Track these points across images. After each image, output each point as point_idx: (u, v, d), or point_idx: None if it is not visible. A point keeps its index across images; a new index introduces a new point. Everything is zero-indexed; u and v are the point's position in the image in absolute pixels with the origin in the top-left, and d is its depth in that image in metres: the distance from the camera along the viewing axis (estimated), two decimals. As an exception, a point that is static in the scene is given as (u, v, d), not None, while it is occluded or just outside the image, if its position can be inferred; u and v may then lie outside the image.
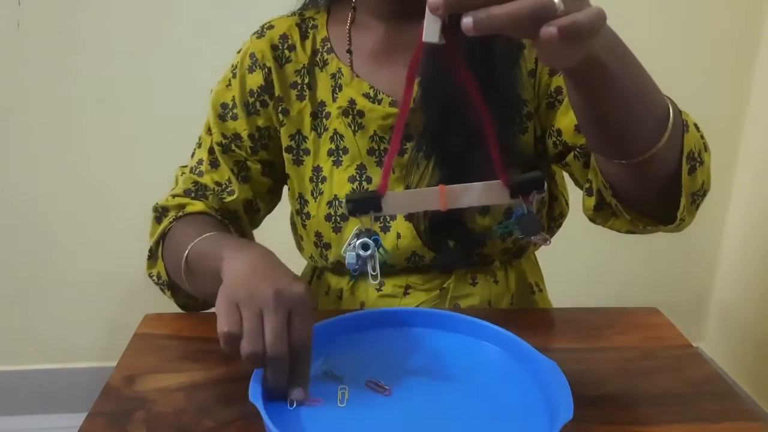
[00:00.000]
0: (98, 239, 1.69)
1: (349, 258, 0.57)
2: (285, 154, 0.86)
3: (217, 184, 0.86)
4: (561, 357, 0.63)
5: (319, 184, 0.84)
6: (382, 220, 0.83)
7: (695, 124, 0.67)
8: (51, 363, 1.78)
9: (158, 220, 0.85)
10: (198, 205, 0.83)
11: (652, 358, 0.72)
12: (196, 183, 0.86)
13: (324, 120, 0.85)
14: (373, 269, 0.58)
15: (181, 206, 0.84)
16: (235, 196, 0.85)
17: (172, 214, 0.83)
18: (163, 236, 0.82)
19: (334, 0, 0.88)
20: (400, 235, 0.82)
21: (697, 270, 1.90)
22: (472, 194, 0.56)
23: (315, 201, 0.84)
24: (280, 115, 0.86)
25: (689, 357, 0.73)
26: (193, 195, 0.85)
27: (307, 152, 0.85)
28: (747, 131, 1.76)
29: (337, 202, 0.82)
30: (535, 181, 0.54)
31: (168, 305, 0.84)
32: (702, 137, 0.68)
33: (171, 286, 0.82)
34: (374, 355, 0.68)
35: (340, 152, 0.84)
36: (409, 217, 0.82)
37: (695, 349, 0.75)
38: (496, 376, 0.65)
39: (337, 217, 0.83)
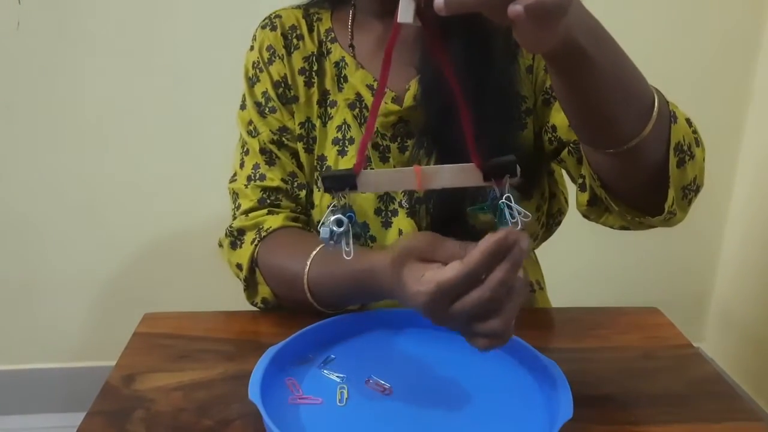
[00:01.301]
0: (98, 238, 1.68)
1: (323, 233, 0.57)
2: (298, 143, 0.86)
3: (284, 181, 0.84)
4: (561, 357, 0.63)
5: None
6: (383, 215, 0.83)
7: (688, 119, 0.67)
8: (50, 362, 1.78)
9: (234, 245, 0.83)
10: (275, 220, 0.82)
11: (652, 358, 0.72)
12: (265, 189, 0.84)
13: (328, 108, 0.85)
14: (347, 244, 0.57)
15: (258, 225, 0.82)
16: (305, 189, 0.85)
17: (251, 236, 0.82)
18: (254, 263, 0.81)
19: (337, 0, 0.89)
20: (401, 231, 0.82)
21: (698, 270, 1.90)
22: (447, 176, 0.56)
23: (319, 190, 0.85)
24: (292, 103, 0.86)
25: (689, 357, 0.73)
26: (267, 202, 0.84)
27: (315, 140, 0.85)
28: (748, 130, 1.76)
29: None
30: (508, 165, 0.54)
31: (167, 305, 0.84)
32: (694, 132, 0.68)
33: (280, 306, 0.82)
34: (375, 355, 0.68)
35: (347, 142, 0.84)
36: (411, 214, 0.82)
37: (695, 349, 0.75)
38: (496, 375, 0.65)
39: None
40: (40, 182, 1.63)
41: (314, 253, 0.74)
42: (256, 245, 0.81)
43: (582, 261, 1.78)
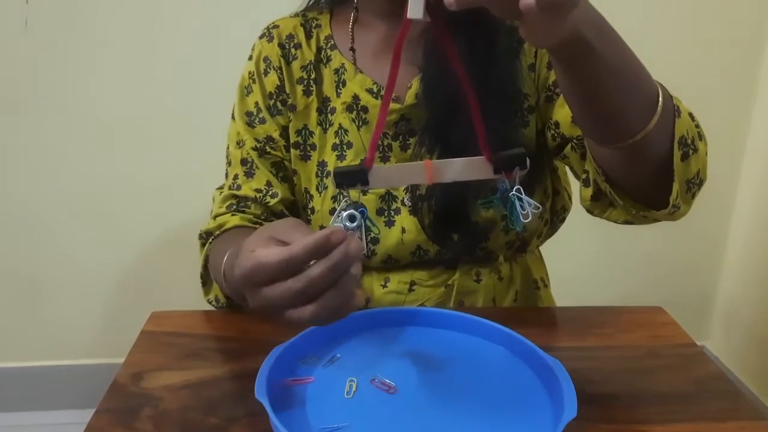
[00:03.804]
0: (104, 237, 1.69)
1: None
2: (292, 150, 0.87)
3: (257, 191, 0.86)
4: (565, 355, 0.64)
5: (324, 178, 0.85)
6: (386, 214, 0.83)
7: (690, 113, 0.67)
8: (57, 359, 1.79)
9: (203, 246, 0.85)
10: (233, 220, 0.83)
11: (657, 357, 0.73)
12: (235, 196, 0.86)
13: (329, 115, 0.85)
14: (361, 240, 0.58)
15: (220, 225, 0.84)
16: (278, 198, 0.86)
17: (212, 237, 0.84)
18: (206, 260, 0.83)
19: (336, 1, 0.89)
20: (404, 229, 0.83)
21: (702, 268, 1.89)
22: (457, 169, 0.57)
23: (320, 196, 0.85)
24: (288, 112, 0.86)
25: (694, 356, 0.73)
26: (234, 208, 0.86)
27: (313, 147, 0.86)
28: (753, 129, 1.76)
29: (341, 196, 0.83)
30: (517, 157, 0.55)
31: (175, 303, 0.84)
32: (697, 126, 0.68)
33: (231, 306, 0.83)
34: (380, 354, 0.69)
35: (344, 147, 0.84)
36: (414, 211, 0.82)
37: (700, 347, 0.75)
38: (500, 374, 0.66)
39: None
40: (49, 180, 1.64)
41: (232, 249, 0.72)
42: (210, 243, 0.82)
43: (587, 259, 1.78)
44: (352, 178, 0.57)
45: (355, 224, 0.57)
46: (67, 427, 1.68)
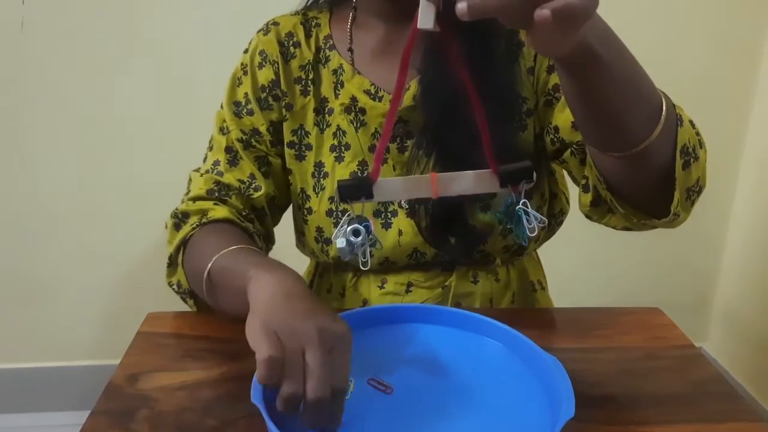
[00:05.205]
0: (101, 238, 1.69)
1: (340, 244, 0.57)
2: (287, 149, 0.87)
3: (241, 182, 0.84)
4: (563, 357, 0.63)
5: (321, 179, 0.85)
6: (383, 216, 0.83)
7: (690, 121, 0.67)
8: (53, 361, 1.79)
9: (177, 226, 0.81)
10: (221, 211, 0.80)
11: (654, 359, 0.72)
12: (218, 183, 0.83)
13: (326, 116, 0.85)
14: (364, 255, 0.57)
15: (204, 211, 0.80)
16: (261, 191, 0.84)
17: (194, 220, 0.80)
18: (183, 243, 0.79)
19: (336, 0, 0.89)
20: (401, 231, 0.82)
21: (700, 270, 1.90)
22: (463, 182, 0.56)
23: (317, 196, 0.85)
24: (284, 110, 0.86)
25: (691, 357, 0.73)
26: (216, 194, 0.83)
27: (309, 147, 0.86)
28: (751, 131, 1.76)
29: (338, 198, 0.83)
30: (524, 170, 0.54)
31: (171, 304, 0.84)
32: (698, 134, 0.68)
33: (192, 295, 0.80)
34: (376, 354, 0.68)
35: (343, 148, 0.84)
36: (411, 214, 0.82)
37: (698, 349, 0.75)
38: (498, 372, 0.65)
39: (338, 213, 0.83)
40: (44, 181, 1.64)
41: (235, 247, 0.71)
42: (194, 228, 0.79)
43: (584, 260, 1.78)
44: (356, 191, 0.56)
45: (359, 239, 0.57)
46: (64, 429, 1.67)
